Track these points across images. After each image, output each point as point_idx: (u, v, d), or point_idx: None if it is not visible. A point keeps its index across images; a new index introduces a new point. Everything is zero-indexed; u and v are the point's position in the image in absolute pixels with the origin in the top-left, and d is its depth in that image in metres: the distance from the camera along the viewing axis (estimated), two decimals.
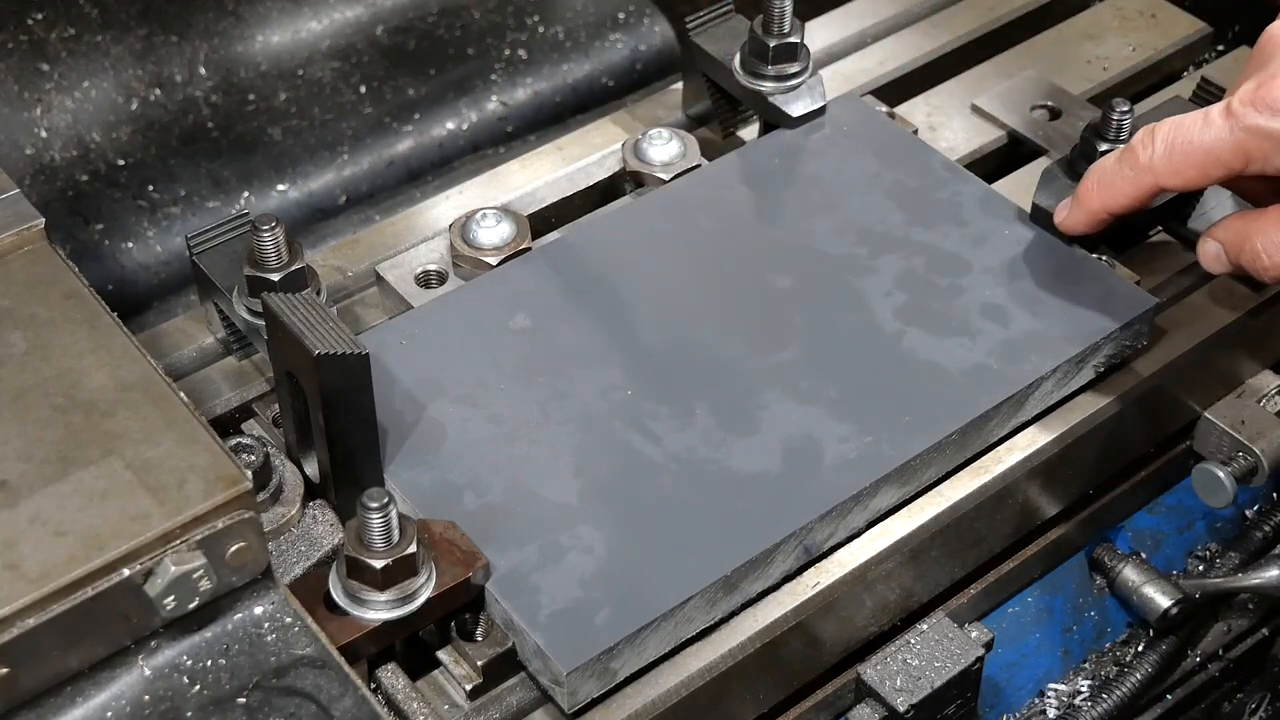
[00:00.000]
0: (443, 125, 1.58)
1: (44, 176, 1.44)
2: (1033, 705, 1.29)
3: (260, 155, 1.51)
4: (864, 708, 1.09)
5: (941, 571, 1.13)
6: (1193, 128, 1.07)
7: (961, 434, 1.08)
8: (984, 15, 1.49)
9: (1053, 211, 1.19)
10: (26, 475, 0.88)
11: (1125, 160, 1.11)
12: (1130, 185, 1.11)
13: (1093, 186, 1.14)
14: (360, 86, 1.56)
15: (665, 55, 1.67)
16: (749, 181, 1.25)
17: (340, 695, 0.89)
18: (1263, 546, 1.31)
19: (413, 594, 0.96)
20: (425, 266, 1.22)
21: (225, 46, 1.51)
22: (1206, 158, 1.07)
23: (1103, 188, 1.13)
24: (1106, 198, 1.13)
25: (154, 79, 1.49)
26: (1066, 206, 1.17)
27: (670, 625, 0.99)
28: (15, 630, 0.82)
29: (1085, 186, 1.14)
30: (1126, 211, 1.13)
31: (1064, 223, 1.17)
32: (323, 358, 0.96)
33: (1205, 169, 1.08)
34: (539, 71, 1.62)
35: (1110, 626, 1.31)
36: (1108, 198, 1.13)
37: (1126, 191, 1.12)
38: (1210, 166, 1.07)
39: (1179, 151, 1.08)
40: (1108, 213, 1.14)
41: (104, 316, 0.97)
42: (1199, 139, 1.07)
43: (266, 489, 1.02)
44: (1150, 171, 1.09)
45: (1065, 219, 1.17)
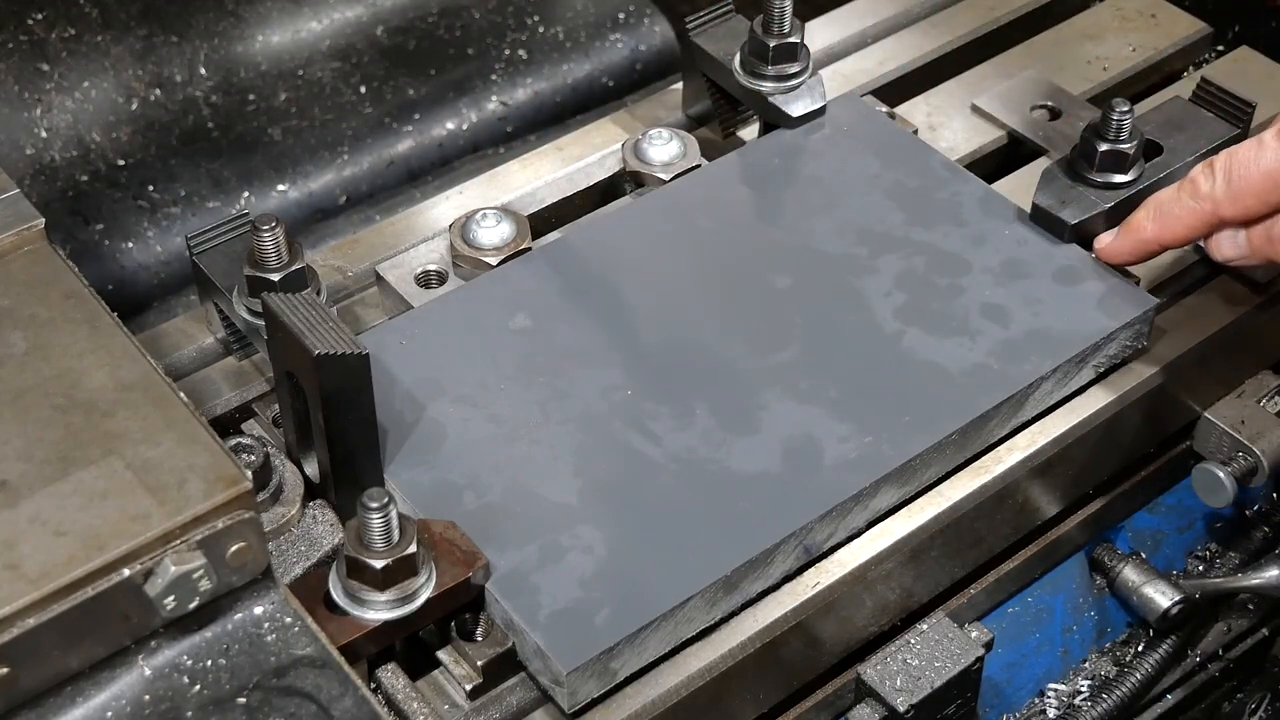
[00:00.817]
0: (443, 125, 1.58)
1: (44, 176, 1.44)
2: (1033, 705, 1.29)
3: (260, 155, 1.51)
4: (864, 708, 1.09)
5: (941, 571, 1.13)
6: (1247, 155, 1.08)
7: (961, 434, 1.08)
8: (984, 15, 1.49)
9: (1053, 212, 1.19)
10: (26, 475, 0.88)
11: (1185, 190, 1.11)
12: (1190, 215, 1.11)
13: (1148, 217, 1.13)
14: (360, 86, 1.56)
15: (665, 55, 1.67)
16: (749, 181, 1.25)
17: (340, 695, 0.89)
18: (1263, 546, 1.31)
19: (413, 594, 0.96)
20: (425, 266, 1.22)
21: (225, 46, 1.51)
22: (1265, 182, 1.07)
23: (1161, 218, 1.12)
24: (1164, 228, 1.12)
25: (154, 79, 1.49)
26: (1111, 235, 1.16)
27: (670, 625, 0.99)
28: (15, 630, 0.82)
29: (1139, 217, 1.14)
30: (1181, 244, 1.14)
31: (1108, 251, 1.16)
32: (323, 358, 0.96)
33: (1264, 194, 1.08)
34: (539, 71, 1.62)
35: (1110, 626, 1.31)
36: (1165, 228, 1.12)
37: (1186, 222, 1.11)
38: (1270, 192, 1.07)
39: (1237, 179, 1.08)
40: (1160, 244, 1.13)
41: (104, 316, 0.97)
42: (1256, 164, 1.07)
43: (266, 489, 1.02)
44: (1210, 199, 1.09)
45: (1110, 247, 1.16)
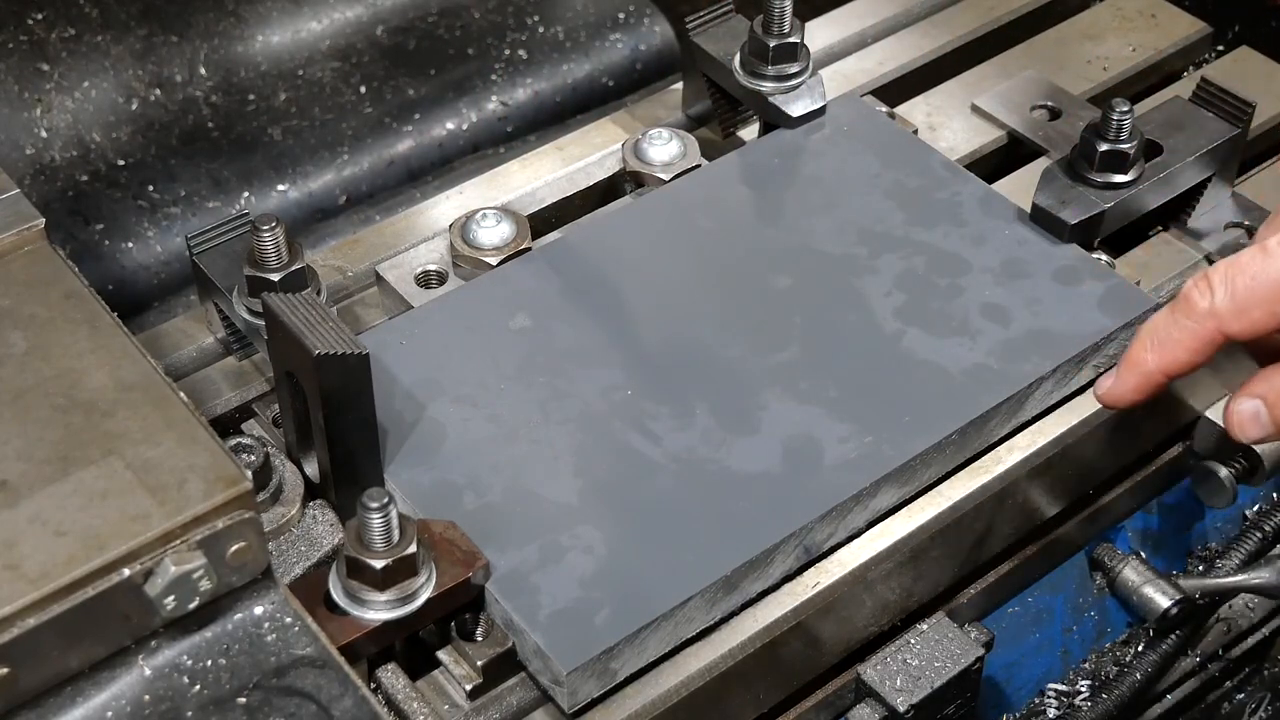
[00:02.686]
0: (443, 125, 1.58)
1: (44, 176, 1.44)
2: (1033, 705, 1.29)
3: (260, 155, 1.51)
4: (864, 708, 1.09)
5: (941, 571, 1.13)
6: (1252, 264, 0.98)
7: (961, 434, 1.08)
8: (984, 15, 1.49)
9: (1053, 212, 1.19)
10: (26, 475, 0.88)
11: (1180, 311, 1.01)
12: (1191, 338, 1.01)
13: (1146, 348, 1.03)
14: (360, 86, 1.56)
15: (665, 55, 1.67)
16: (749, 181, 1.25)
17: (340, 695, 0.89)
18: (1263, 546, 1.31)
19: (413, 594, 0.96)
20: (425, 266, 1.22)
21: (225, 46, 1.51)
22: (1274, 292, 0.98)
23: (1159, 346, 1.02)
24: (1165, 357, 1.02)
25: (154, 79, 1.49)
26: (1110, 378, 1.06)
27: (670, 625, 0.99)
28: (15, 630, 0.82)
29: (1136, 349, 1.03)
30: (1187, 371, 1.03)
31: (1109, 395, 1.06)
32: (323, 358, 0.96)
33: (1272, 305, 0.98)
34: (539, 71, 1.62)
35: (1110, 626, 1.31)
36: (1166, 357, 1.02)
37: (1188, 345, 1.01)
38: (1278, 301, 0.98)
39: (1243, 291, 0.98)
40: (1165, 375, 1.03)
41: (104, 316, 0.97)
42: (1263, 274, 0.98)
43: (266, 489, 1.02)
44: (1213, 317, 0.99)
45: (1112, 390, 1.05)
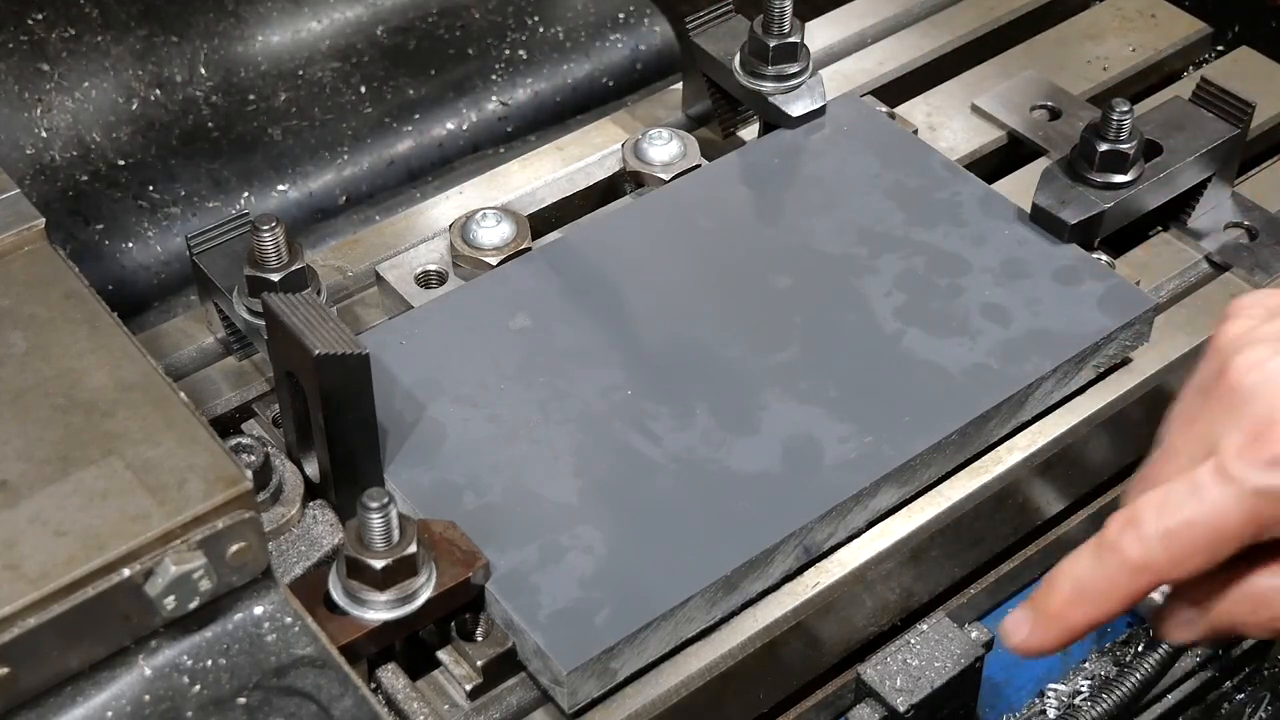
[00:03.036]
0: (443, 125, 1.58)
1: (44, 176, 1.44)
2: (1033, 705, 1.29)
3: (260, 155, 1.51)
4: (864, 708, 1.09)
5: (941, 571, 1.13)
6: (1184, 503, 0.85)
7: (961, 434, 1.08)
8: (984, 15, 1.49)
9: (1053, 212, 1.19)
10: (26, 475, 0.88)
11: (1108, 561, 0.87)
12: (1123, 589, 0.87)
13: (1068, 600, 0.88)
14: (360, 86, 1.56)
15: (665, 55, 1.67)
16: (749, 181, 1.25)
17: (340, 695, 0.89)
18: None
19: (413, 594, 0.96)
20: (425, 266, 1.22)
21: (225, 46, 1.51)
22: (1215, 536, 0.84)
23: (1085, 598, 0.88)
24: (1092, 610, 0.88)
25: (154, 79, 1.48)
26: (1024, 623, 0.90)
27: (670, 625, 0.99)
28: (15, 630, 0.82)
29: (1056, 600, 0.88)
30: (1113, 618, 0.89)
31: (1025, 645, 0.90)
32: (323, 358, 0.96)
33: (1215, 549, 0.85)
34: (539, 71, 1.62)
35: (1110, 626, 1.31)
36: (1094, 610, 0.88)
37: (1118, 598, 0.87)
38: (1220, 545, 0.84)
39: (1179, 538, 0.85)
40: (1092, 626, 0.89)
41: (104, 316, 0.97)
42: (1199, 516, 0.84)
43: (266, 489, 1.02)
44: (1148, 570, 0.86)
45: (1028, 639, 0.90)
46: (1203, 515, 0.84)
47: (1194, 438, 0.88)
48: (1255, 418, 0.84)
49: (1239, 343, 0.88)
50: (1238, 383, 0.86)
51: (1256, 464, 0.83)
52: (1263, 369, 0.85)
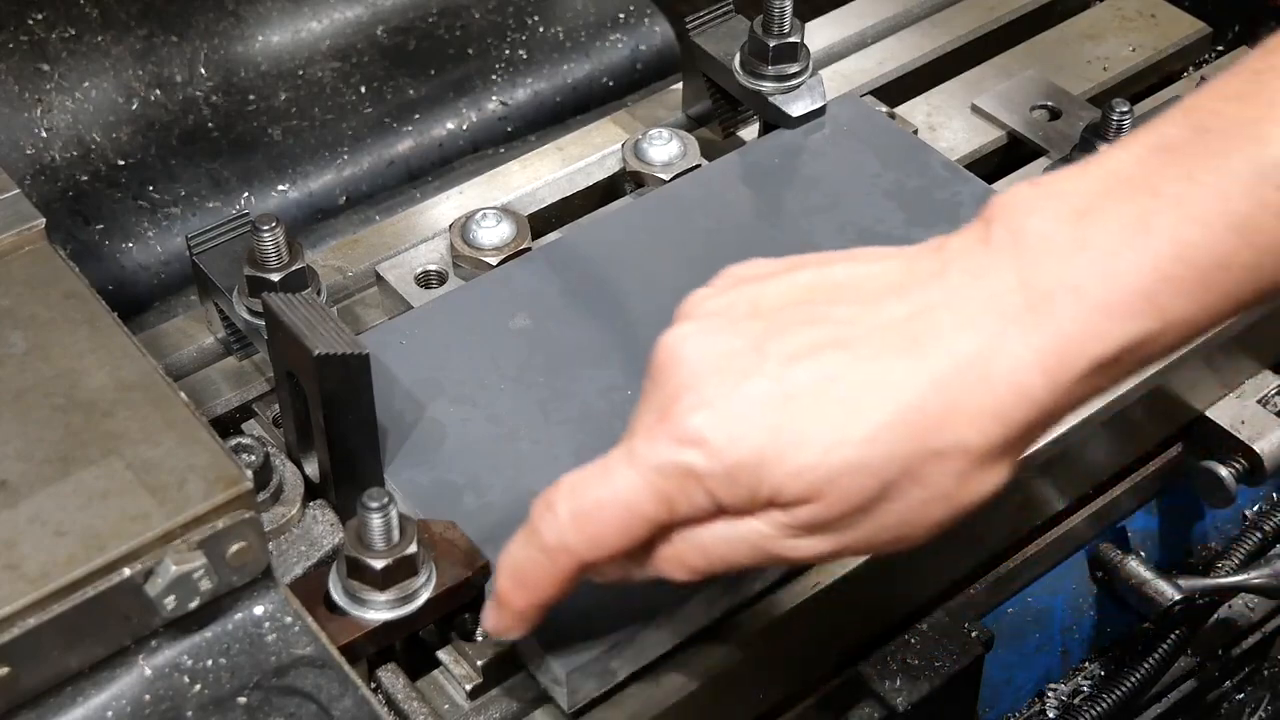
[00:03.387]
0: (443, 125, 1.58)
1: (44, 176, 1.44)
2: (1033, 705, 1.29)
3: (260, 155, 1.51)
4: (864, 707, 1.09)
5: (941, 571, 1.13)
6: (594, 484, 0.84)
7: None
8: (984, 15, 1.49)
9: None
10: (26, 475, 0.88)
11: (532, 543, 0.87)
12: (548, 572, 0.87)
13: (510, 585, 0.89)
14: (360, 86, 1.56)
15: (665, 55, 1.67)
16: (749, 181, 1.25)
17: (340, 695, 0.89)
18: (1263, 546, 1.31)
19: (413, 594, 0.96)
20: (425, 266, 1.22)
21: (225, 46, 1.51)
22: (625, 515, 0.83)
23: (521, 583, 0.88)
24: (531, 593, 0.88)
25: (154, 79, 1.48)
26: (489, 609, 0.92)
27: (670, 625, 0.99)
28: (15, 630, 0.82)
29: (502, 585, 0.89)
30: (560, 599, 0.89)
31: (495, 629, 0.92)
32: (323, 358, 0.96)
33: (628, 528, 0.84)
34: (539, 71, 1.62)
35: (1110, 626, 1.31)
36: (533, 593, 0.88)
37: (548, 579, 0.87)
38: (633, 524, 0.83)
39: (588, 517, 0.84)
40: (538, 609, 0.89)
41: (104, 316, 0.97)
42: (606, 495, 0.84)
43: (266, 489, 1.02)
44: (564, 551, 0.85)
45: (494, 625, 0.92)
46: (611, 495, 0.83)
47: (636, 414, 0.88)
48: (663, 396, 0.84)
49: (682, 314, 0.88)
50: (656, 361, 0.86)
51: (657, 441, 0.82)
52: (679, 347, 0.85)
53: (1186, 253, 0.77)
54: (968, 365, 0.79)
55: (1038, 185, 0.82)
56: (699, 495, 0.82)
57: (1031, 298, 0.79)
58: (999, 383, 0.79)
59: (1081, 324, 0.78)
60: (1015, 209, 0.81)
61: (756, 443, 0.81)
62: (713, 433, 0.81)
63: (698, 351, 0.84)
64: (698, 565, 0.86)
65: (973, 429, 0.79)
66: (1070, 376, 0.79)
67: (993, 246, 0.81)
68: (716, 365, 0.83)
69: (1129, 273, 0.78)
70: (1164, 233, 0.77)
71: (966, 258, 0.81)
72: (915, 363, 0.80)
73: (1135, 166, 0.79)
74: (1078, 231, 0.79)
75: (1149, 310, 0.78)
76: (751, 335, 0.83)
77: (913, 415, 0.79)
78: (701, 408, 0.82)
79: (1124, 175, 0.79)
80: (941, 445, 0.80)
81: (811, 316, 0.83)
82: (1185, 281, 0.78)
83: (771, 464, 0.80)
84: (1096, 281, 0.78)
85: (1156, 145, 0.80)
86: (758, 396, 0.81)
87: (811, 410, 0.80)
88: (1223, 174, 0.77)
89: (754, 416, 0.81)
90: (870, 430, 0.79)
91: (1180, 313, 0.78)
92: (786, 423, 0.80)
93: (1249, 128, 0.78)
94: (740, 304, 0.86)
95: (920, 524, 0.83)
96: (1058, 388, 0.79)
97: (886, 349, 0.80)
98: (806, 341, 0.82)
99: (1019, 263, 0.80)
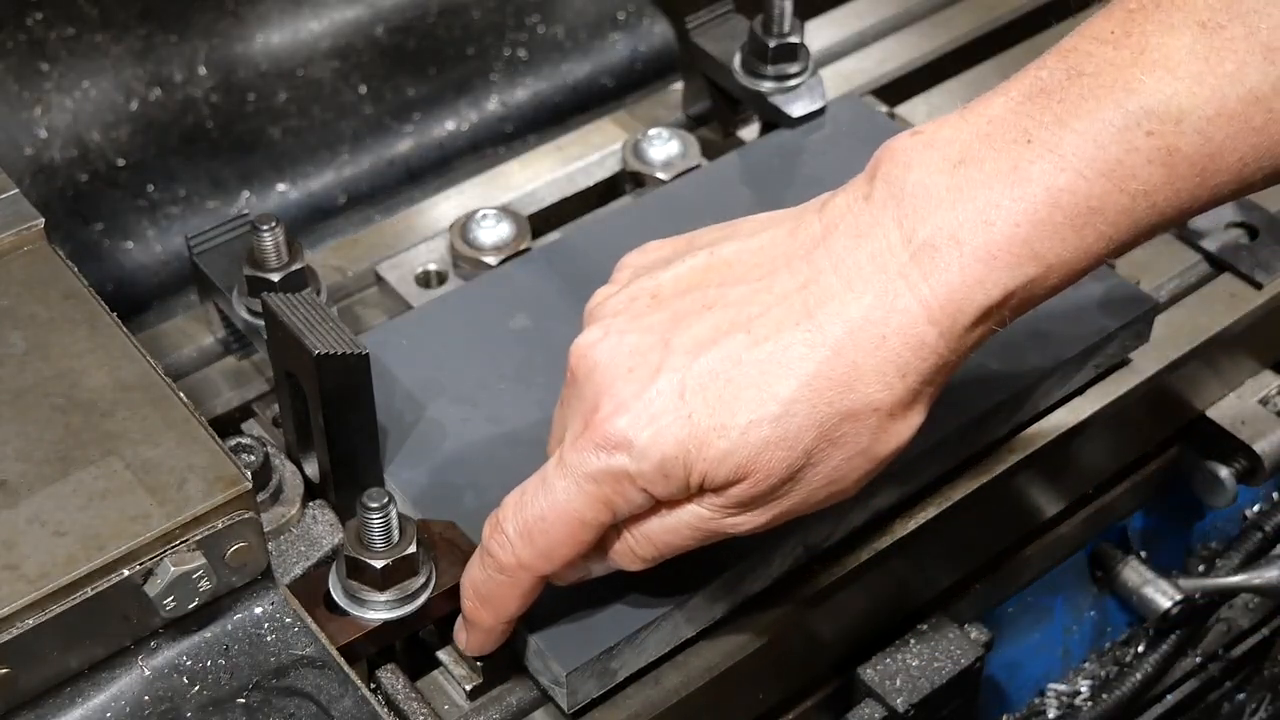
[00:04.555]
0: (443, 125, 1.58)
1: (44, 176, 1.44)
2: (1033, 705, 1.29)
3: (260, 155, 1.51)
4: (864, 708, 1.09)
5: (941, 571, 1.13)
6: (535, 499, 0.88)
7: (961, 433, 1.08)
8: (984, 15, 1.49)
9: None
10: (26, 475, 0.88)
11: (487, 565, 0.91)
12: (508, 589, 0.91)
13: (473, 605, 0.93)
14: (360, 86, 1.56)
15: (665, 55, 1.67)
16: (749, 181, 1.25)
17: (340, 695, 0.89)
18: (1263, 546, 1.31)
19: (413, 594, 0.96)
20: (425, 266, 1.22)
21: (225, 46, 1.51)
22: (569, 524, 0.87)
23: (485, 602, 0.92)
24: (495, 612, 0.92)
25: (154, 79, 1.48)
26: (460, 628, 0.97)
27: (670, 625, 0.99)
28: (15, 630, 0.82)
29: (467, 606, 0.94)
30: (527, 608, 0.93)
31: (469, 647, 0.96)
32: (323, 358, 0.96)
33: (575, 537, 0.88)
34: (539, 71, 1.62)
35: (1110, 626, 1.31)
36: (496, 611, 0.92)
37: (509, 595, 0.91)
38: (579, 531, 0.87)
39: (535, 532, 0.88)
40: (506, 624, 0.94)
41: (104, 316, 0.97)
42: (548, 509, 0.87)
43: (266, 489, 1.02)
44: (521, 567, 0.89)
45: (469, 645, 0.96)
46: (552, 507, 0.87)
47: (557, 430, 0.93)
48: (585, 403, 0.87)
49: (590, 317, 0.91)
50: (574, 368, 0.89)
51: (585, 450, 0.85)
52: (591, 352, 0.88)
53: (1061, 199, 0.79)
54: (861, 327, 0.82)
55: (919, 135, 0.84)
56: (634, 494, 0.86)
57: (914, 251, 0.81)
58: (895, 340, 0.82)
59: (964, 274, 0.80)
60: (895, 161, 0.83)
61: (677, 436, 0.83)
62: (635, 433, 0.84)
63: (608, 354, 0.87)
64: (648, 554, 0.90)
65: (877, 386, 0.82)
66: (961, 325, 0.82)
67: (873, 203, 0.83)
68: (628, 365, 0.86)
69: (1005, 221, 0.80)
70: (1038, 180, 0.79)
71: (849, 216, 0.84)
72: (813, 334, 0.82)
73: (1010, 112, 0.82)
74: (954, 180, 0.81)
75: (1028, 256, 0.80)
76: (656, 329, 0.86)
77: (819, 383, 0.82)
78: (620, 411, 0.84)
79: (1000, 121, 0.82)
80: (851, 406, 0.83)
81: (707, 301, 0.86)
82: (1061, 227, 0.80)
83: (695, 454, 0.83)
84: (975, 231, 0.80)
85: (1031, 89, 0.82)
86: (670, 391, 0.84)
87: (723, 396, 0.83)
88: (1094, 120, 0.79)
89: (670, 411, 0.84)
90: (781, 406, 0.82)
91: (1058, 257, 0.81)
92: (701, 412, 0.83)
93: (1121, 72, 0.80)
94: (641, 297, 0.89)
95: (846, 480, 0.86)
96: (951, 336, 0.82)
97: (784, 324, 0.83)
98: (707, 328, 0.85)
99: (899, 216, 0.82)
